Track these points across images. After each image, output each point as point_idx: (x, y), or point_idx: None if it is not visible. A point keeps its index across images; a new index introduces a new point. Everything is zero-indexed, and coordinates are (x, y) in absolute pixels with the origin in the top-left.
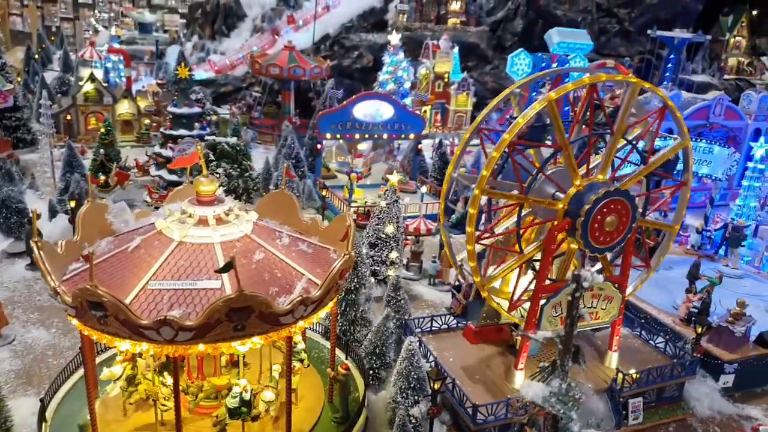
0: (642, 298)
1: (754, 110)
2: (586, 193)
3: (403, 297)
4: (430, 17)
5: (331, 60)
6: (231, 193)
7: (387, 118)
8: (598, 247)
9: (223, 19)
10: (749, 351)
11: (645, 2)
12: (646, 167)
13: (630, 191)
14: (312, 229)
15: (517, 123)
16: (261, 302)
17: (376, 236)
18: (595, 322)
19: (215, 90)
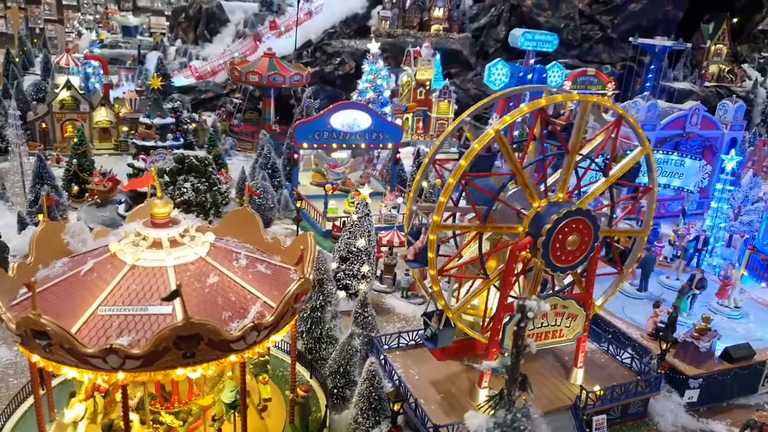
0: (611, 311)
1: (730, 120)
2: (546, 214)
3: (370, 313)
4: (412, 23)
5: (313, 66)
6: (199, 207)
7: (364, 127)
8: (561, 267)
9: (206, 24)
10: (714, 366)
11: (627, 10)
12: (608, 179)
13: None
14: (274, 248)
15: (473, 149)
16: (209, 330)
17: (347, 250)
18: (560, 340)
19: (195, 97)
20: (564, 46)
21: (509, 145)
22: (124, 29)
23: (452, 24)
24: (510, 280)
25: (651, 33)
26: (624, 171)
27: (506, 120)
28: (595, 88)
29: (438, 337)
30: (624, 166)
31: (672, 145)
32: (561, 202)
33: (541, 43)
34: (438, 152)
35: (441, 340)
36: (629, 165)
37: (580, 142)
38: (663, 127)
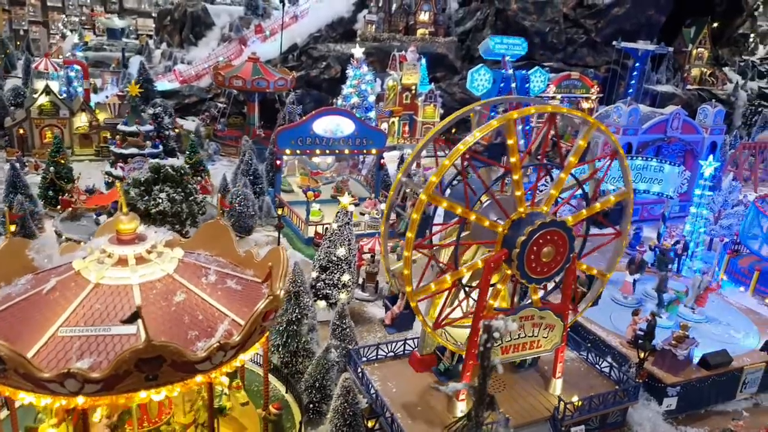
0: (591, 319)
1: (710, 124)
2: (524, 223)
3: (349, 325)
4: (398, 27)
5: (298, 70)
6: (175, 217)
7: (347, 133)
8: (535, 278)
9: (191, 28)
10: (692, 373)
11: (611, 14)
12: (589, 210)
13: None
14: (247, 262)
15: (473, 135)
16: (172, 352)
17: (328, 259)
18: (537, 351)
19: (179, 101)
20: (549, 49)
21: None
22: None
23: (438, 28)
24: (486, 292)
25: (634, 37)
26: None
27: (476, 135)
28: (580, 91)
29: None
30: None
31: (654, 149)
32: (535, 213)
33: (511, 46)
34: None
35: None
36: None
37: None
38: (645, 131)
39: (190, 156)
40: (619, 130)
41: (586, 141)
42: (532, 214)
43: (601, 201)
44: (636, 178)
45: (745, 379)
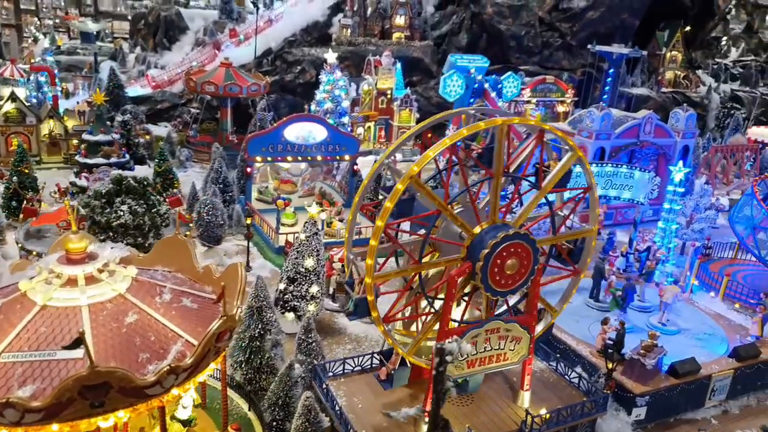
0: (562, 328)
1: (682, 128)
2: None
3: (315, 339)
4: (374, 31)
5: (273, 75)
6: (137, 230)
7: (320, 139)
8: (500, 291)
9: (164, 32)
10: (661, 382)
11: (585, 17)
12: (540, 192)
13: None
14: (206, 278)
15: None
16: (119, 377)
17: (295, 270)
18: (504, 363)
19: (151, 107)
20: (525, 53)
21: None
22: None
23: (414, 32)
24: (450, 307)
25: (609, 40)
26: (558, 179)
27: (463, 132)
28: (555, 95)
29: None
30: (556, 174)
31: (627, 154)
32: (499, 225)
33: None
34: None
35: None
36: (561, 173)
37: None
38: (617, 136)
39: (159, 164)
40: (591, 135)
41: (566, 167)
42: (496, 226)
43: (550, 178)
44: (606, 184)
45: (714, 387)
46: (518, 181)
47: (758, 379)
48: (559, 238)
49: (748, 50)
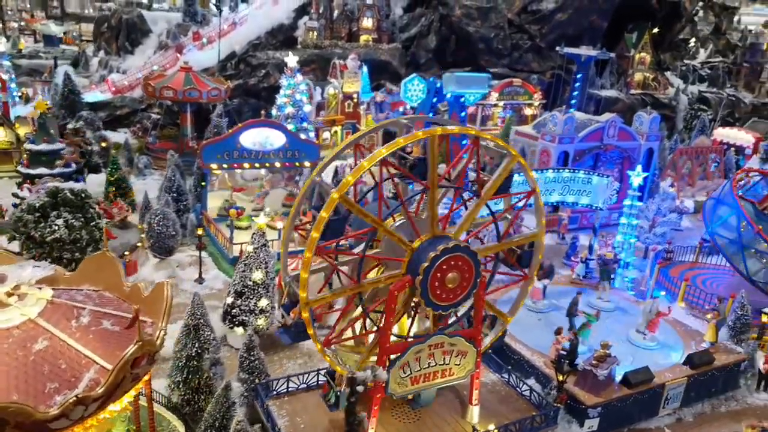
0: (517, 337)
1: (646, 131)
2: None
3: (257, 357)
4: (341, 34)
5: (236, 79)
6: (73, 245)
7: (278, 145)
8: (442, 305)
9: (126, 35)
10: (614, 393)
11: (554, 19)
12: (481, 199)
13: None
14: (134, 297)
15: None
16: (16, 412)
17: (243, 284)
18: (450, 379)
19: (110, 113)
20: (494, 55)
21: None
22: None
23: (382, 34)
24: (391, 322)
25: (578, 42)
26: (498, 185)
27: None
28: (522, 98)
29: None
30: (496, 181)
31: (593, 157)
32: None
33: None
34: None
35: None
36: (501, 178)
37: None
38: (581, 139)
39: (111, 172)
40: (555, 139)
41: (506, 173)
42: (436, 239)
43: (513, 239)
44: (563, 190)
45: (668, 395)
46: (457, 191)
47: (712, 386)
48: (504, 246)
49: (716, 51)
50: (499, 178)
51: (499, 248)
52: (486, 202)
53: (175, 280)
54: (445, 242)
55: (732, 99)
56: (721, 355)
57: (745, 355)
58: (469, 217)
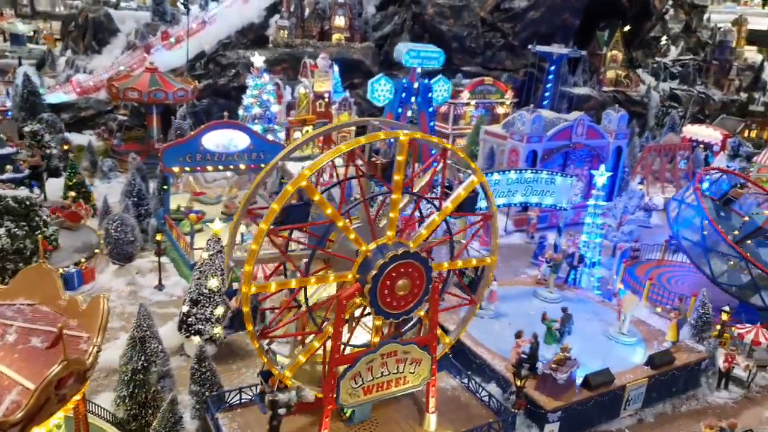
0: (479, 341)
1: (614, 129)
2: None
3: (209, 368)
4: (312, 33)
5: (205, 79)
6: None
7: (242, 147)
8: (393, 313)
9: (93, 35)
10: (574, 396)
11: (527, 18)
12: (441, 213)
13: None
14: (71, 311)
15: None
16: None
17: (198, 291)
18: (405, 387)
19: (74, 114)
20: (468, 54)
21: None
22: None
23: (354, 33)
24: (340, 331)
25: (551, 40)
26: (457, 203)
27: (360, 141)
28: (494, 97)
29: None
30: (457, 197)
31: (562, 155)
32: (389, 244)
33: (426, 60)
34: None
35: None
36: (462, 196)
37: (402, 181)
38: (549, 138)
39: (70, 177)
40: (523, 138)
41: (467, 191)
42: (385, 245)
43: (451, 199)
44: (526, 191)
45: (629, 396)
46: (419, 200)
47: (673, 386)
48: (455, 265)
49: (687, 49)
50: (459, 197)
51: (449, 267)
52: (445, 216)
53: (134, 287)
54: (396, 249)
55: (702, 96)
56: (682, 355)
57: (706, 353)
58: (428, 229)
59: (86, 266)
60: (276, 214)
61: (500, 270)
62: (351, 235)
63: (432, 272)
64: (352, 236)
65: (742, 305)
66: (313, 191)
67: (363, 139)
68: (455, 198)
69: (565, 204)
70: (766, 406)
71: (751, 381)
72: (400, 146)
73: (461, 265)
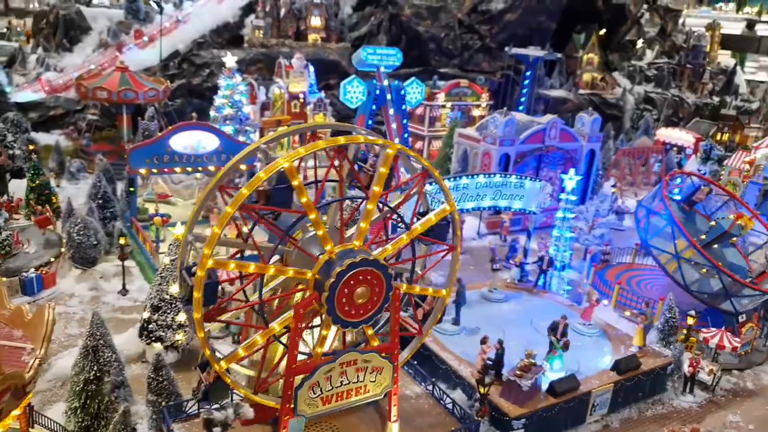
0: (446, 346)
1: (587, 132)
2: (335, 264)
3: (166, 377)
4: (288, 33)
5: (179, 78)
6: None
7: (211, 149)
8: (351, 321)
9: (64, 32)
10: (539, 403)
11: (504, 20)
12: (409, 234)
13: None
14: (16, 321)
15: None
16: None
17: (159, 298)
18: (365, 396)
19: (43, 114)
20: (445, 55)
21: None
22: None
23: (330, 33)
24: (297, 340)
25: (528, 43)
26: (427, 226)
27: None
28: (470, 99)
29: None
30: (428, 221)
31: (536, 159)
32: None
33: (385, 57)
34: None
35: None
36: (433, 221)
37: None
38: (522, 141)
39: (33, 178)
40: (496, 142)
41: (387, 167)
42: (342, 252)
43: (422, 222)
44: (495, 195)
45: (594, 402)
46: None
47: (639, 390)
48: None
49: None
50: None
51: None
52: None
53: (97, 293)
54: (353, 255)
55: (676, 99)
56: (648, 359)
57: (671, 358)
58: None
59: (46, 271)
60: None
61: (472, 273)
62: (320, 231)
63: (392, 280)
64: (321, 232)
65: (708, 309)
66: (294, 175)
67: (342, 139)
68: (425, 222)
69: (534, 208)
70: (730, 409)
71: (716, 385)
72: (385, 158)
73: (418, 290)
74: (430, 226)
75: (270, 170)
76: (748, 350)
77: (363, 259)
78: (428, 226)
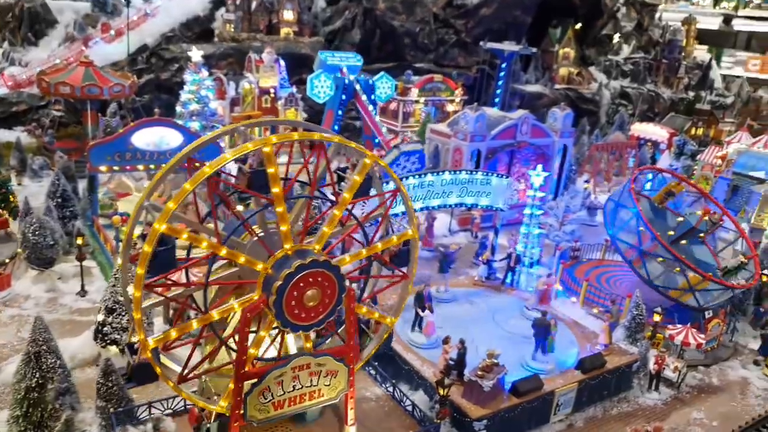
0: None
1: (559, 127)
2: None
3: (116, 383)
4: (259, 27)
5: (147, 73)
6: None
7: (174, 146)
8: (301, 325)
9: (29, 26)
10: (501, 403)
11: (479, 14)
12: (369, 249)
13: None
14: None
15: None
16: None
17: (113, 299)
18: (320, 401)
19: (5, 110)
20: (420, 50)
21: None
22: None
23: (303, 27)
24: (245, 345)
25: (504, 37)
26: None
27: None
28: (444, 94)
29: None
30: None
31: (508, 154)
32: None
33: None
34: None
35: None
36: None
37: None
38: (493, 137)
39: None
40: (467, 137)
41: (362, 176)
42: (298, 252)
43: (383, 241)
44: (462, 192)
45: (558, 402)
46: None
47: (604, 389)
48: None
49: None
50: (354, 182)
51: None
52: (344, 207)
53: (54, 294)
54: (303, 257)
55: (651, 94)
56: (614, 357)
57: (638, 355)
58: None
59: (1, 272)
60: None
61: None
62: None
63: (344, 281)
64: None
65: (675, 306)
66: (272, 162)
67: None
68: (351, 186)
69: (501, 205)
70: (695, 406)
71: (681, 381)
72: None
73: (381, 246)
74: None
75: (238, 152)
76: (714, 346)
77: (313, 260)
78: (388, 246)
